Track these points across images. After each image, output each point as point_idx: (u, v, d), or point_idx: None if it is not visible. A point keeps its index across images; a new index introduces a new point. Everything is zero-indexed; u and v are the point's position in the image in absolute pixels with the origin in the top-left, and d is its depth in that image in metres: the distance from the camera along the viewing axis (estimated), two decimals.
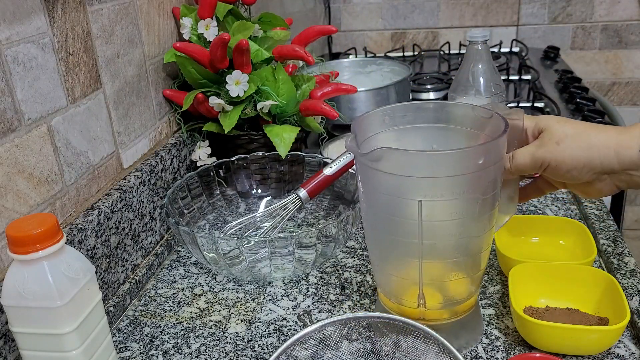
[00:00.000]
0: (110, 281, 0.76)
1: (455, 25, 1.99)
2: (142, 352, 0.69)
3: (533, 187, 0.67)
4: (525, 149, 0.60)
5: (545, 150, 0.59)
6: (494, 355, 0.64)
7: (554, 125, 0.59)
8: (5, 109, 0.62)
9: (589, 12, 1.90)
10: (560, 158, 0.58)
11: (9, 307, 0.54)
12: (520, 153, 0.60)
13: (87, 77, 0.76)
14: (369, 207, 0.61)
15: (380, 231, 0.61)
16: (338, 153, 0.97)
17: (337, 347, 0.59)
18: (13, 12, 0.63)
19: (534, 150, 0.59)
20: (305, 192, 0.82)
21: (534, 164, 0.60)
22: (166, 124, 0.98)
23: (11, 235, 0.51)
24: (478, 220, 0.58)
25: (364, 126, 0.63)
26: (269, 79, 0.96)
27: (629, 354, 0.63)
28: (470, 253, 0.60)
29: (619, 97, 2.01)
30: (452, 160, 0.55)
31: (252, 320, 0.73)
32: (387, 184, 0.57)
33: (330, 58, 1.85)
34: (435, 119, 0.64)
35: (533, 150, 0.60)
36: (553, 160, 0.58)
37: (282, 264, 0.76)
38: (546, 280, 0.69)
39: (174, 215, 0.81)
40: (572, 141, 0.58)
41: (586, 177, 0.59)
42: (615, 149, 0.56)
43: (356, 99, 1.22)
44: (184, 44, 0.93)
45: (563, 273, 0.69)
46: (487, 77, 0.97)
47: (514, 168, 0.61)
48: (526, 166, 0.60)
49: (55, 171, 0.69)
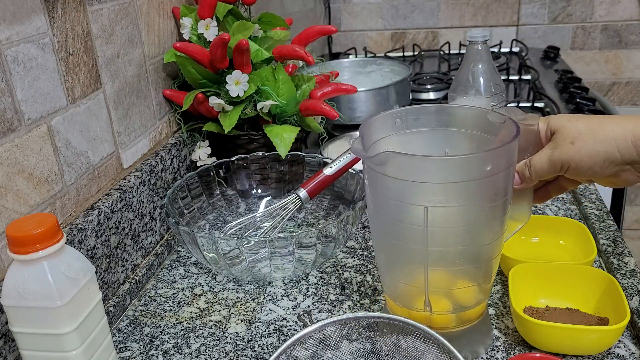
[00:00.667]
0: (110, 281, 0.76)
1: (455, 25, 1.99)
2: (142, 352, 0.69)
3: (555, 186, 0.65)
4: (542, 154, 0.59)
5: (561, 151, 0.57)
6: (494, 355, 0.64)
7: (565, 124, 0.58)
8: (5, 109, 0.62)
9: (589, 12, 1.90)
10: (577, 157, 0.56)
11: (9, 307, 0.54)
12: (537, 159, 0.59)
13: (87, 77, 0.76)
14: (375, 211, 0.59)
15: (387, 236, 0.60)
16: (338, 153, 0.97)
17: (337, 347, 0.59)
18: (13, 12, 0.63)
19: (550, 153, 0.58)
20: (305, 192, 0.82)
21: (553, 168, 0.58)
22: (166, 124, 0.98)
23: (11, 235, 0.51)
24: (486, 227, 0.56)
25: (372, 129, 0.61)
26: (269, 79, 0.96)
27: (629, 354, 0.63)
28: (478, 261, 0.58)
29: (619, 97, 2.01)
30: (458, 165, 0.54)
31: (252, 320, 0.73)
32: (393, 188, 0.56)
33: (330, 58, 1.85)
34: (448, 122, 0.63)
35: (549, 154, 0.58)
36: (572, 161, 0.57)
37: (282, 264, 0.76)
38: (546, 280, 0.69)
39: (174, 215, 0.81)
40: (587, 138, 0.56)
41: (609, 171, 0.57)
42: (633, 140, 0.55)
43: (356, 99, 1.22)
44: (184, 44, 0.93)
45: (563, 273, 0.69)
46: (487, 77, 0.97)
47: (534, 175, 0.59)
48: (545, 171, 0.59)
49: (55, 171, 0.69)
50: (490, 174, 0.53)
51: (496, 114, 0.59)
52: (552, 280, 0.69)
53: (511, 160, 0.55)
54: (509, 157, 0.55)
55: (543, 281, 0.69)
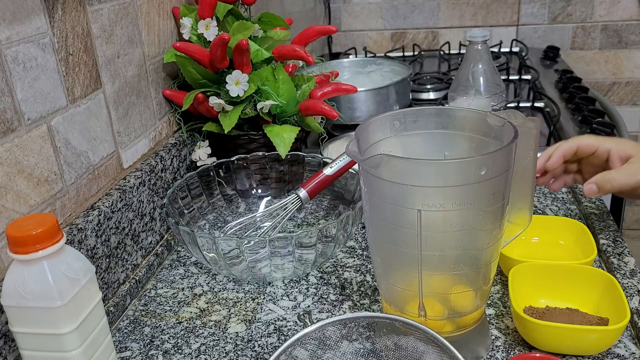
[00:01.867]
0: (110, 281, 0.76)
1: (455, 25, 1.99)
2: (142, 352, 0.69)
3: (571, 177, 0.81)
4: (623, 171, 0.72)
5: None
6: (494, 355, 0.64)
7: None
8: (5, 109, 0.62)
9: (589, 12, 1.90)
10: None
11: (9, 307, 0.54)
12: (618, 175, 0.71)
13: (87, 77, 0.76)
14: (371, 214, 0.59)
15: (382, 238, 0.59)
16: (338, 153, 0.97)
17: (337, 347, 0.59)
18: (13, 12, 0.63)
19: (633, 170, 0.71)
20: (305, 192, 0.82)
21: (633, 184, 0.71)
22: (166, 124, 0.98)
23: (11, 235, 0.51)
24: (482, 232, 0.56)
25: (370, 131, 0.61)
26: (269, 79, 0.96)
27: (629, 354, 0.63)
28: (474, 266, 0.58)
29: (619, 97, 2.01)
30: (453, 169, 0.53)
31: (252, 320, 0.73)
32: (387, 191, 0.55)
33: (330, 58, 1.85)
34: (447, 125, 0.62)
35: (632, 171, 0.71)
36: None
37: (282, 264, 0.76)
38: (546, 280, 0.69)
39: (174, 215, 0.81)
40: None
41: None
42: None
43: (356, 99, 1.22)
44: (184, 44, 0.93)
45: (563, 273, 0.69)
46: (487, 77, 0.97)
47: (616, 188, 0.72)
48: (626, 185, 0.71)
49: (55, 171, 0.69)
50: (486, 178, 0.53)
51: (496, 117, 0.59)
52: (552, 280, 0.69)
53: (507, 165, 0.55)
54: (505, 161, 0.54)
55: (543, 281, 0.69)
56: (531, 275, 0.69)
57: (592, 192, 0.72)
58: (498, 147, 0.57)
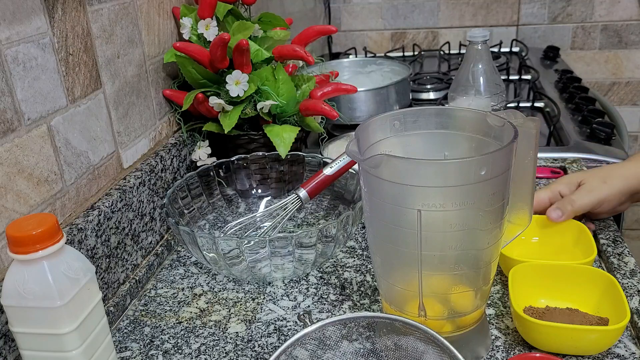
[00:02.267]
0: (110, 281, 0.76)
1: (455, 25, 1.99)
2: (142, 352, 0.69)
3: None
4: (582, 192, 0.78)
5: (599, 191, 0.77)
6: (494, 355, 0.64)
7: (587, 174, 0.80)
8: (5, 109, 0.62)
9: (589, 12, 1.90)
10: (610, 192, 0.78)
11: (9, 307, 0.54)
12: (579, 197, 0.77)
13: (87, 77, 0.76)
14: (371, 214, 0.59)
15: (382, 239, 0.59)
16: (338, 153, 0.97)
17: (337, 347, 0.59)
18: (13, 12, 0.63)
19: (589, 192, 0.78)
20: (305, 192, 0.82)
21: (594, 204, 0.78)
22: (166, 124, 0.98)
23: (11, 235, 0.51)
24: (482, 232, 0.56)
25: (370, 131, 0.61)
26: (269, 79, 0.96)
27: (629, 354, 0.63)
28: (474, 266, 0.58)
29: (619, 97, 2.01)
30: (452, 169, 0.53)
31: (252, 320, 0.73)
32: (387, 191, 0.55)
33: (330, 58, 1.85)
34: (447, 125, 0.62)
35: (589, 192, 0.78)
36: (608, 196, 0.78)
37: (282, 264, 0.76)
38: (546, 280, 0.69)
39: (174, 215, 0.81)
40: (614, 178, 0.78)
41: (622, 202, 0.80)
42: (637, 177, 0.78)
43: (356, 99, 1.22)
44: (184, 43, 0.93)
45: (563, 273, 0.69)
46: (487, 77, 0.97)
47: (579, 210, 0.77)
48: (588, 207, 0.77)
49: (55, 171, 0.69)
50: (486, 178, 0.53)
51: (496, 117, 0.59)
52: (552, 280, 0.69)
53: (507, 165, 0.55)
54: (505, 161, 0.54)
55: (543, 281, 0.69)
56: (531, 275, 0.69)
57: (557, 217, 0.77)
58: (498, 147, 0.57)
